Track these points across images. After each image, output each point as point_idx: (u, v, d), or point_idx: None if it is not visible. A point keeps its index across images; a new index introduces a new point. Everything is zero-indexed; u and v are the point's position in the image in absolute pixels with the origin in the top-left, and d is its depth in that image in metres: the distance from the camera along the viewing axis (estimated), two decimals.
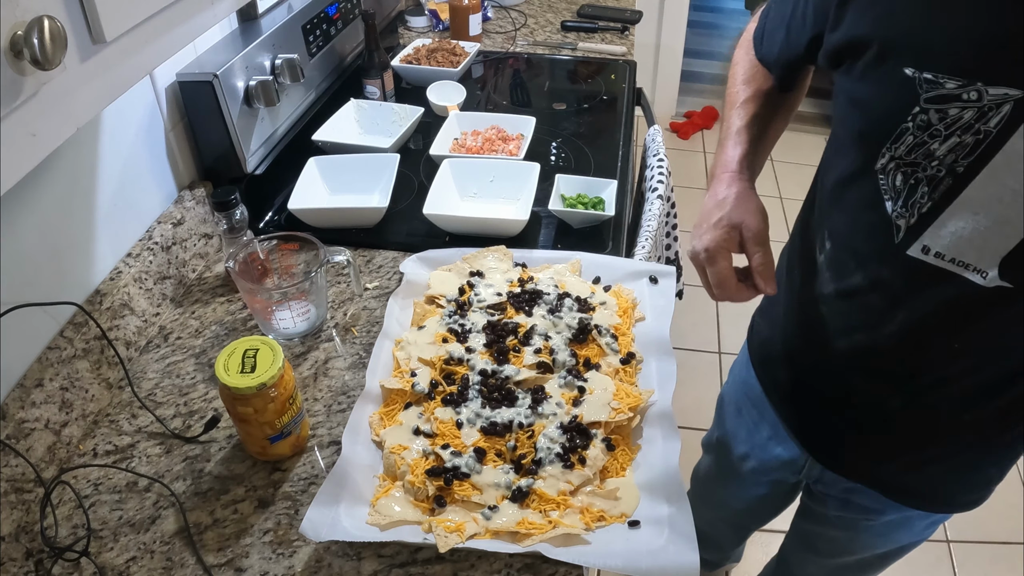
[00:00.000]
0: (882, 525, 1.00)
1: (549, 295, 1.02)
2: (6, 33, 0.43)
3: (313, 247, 1.01)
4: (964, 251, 0.66)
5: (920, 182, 0.66)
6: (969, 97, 0.61)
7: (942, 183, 0.65)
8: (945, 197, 0.65)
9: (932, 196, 0.66)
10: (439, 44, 1.73)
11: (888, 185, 0.69)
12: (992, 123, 0.60)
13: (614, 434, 0.85)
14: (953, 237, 0.66)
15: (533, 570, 0.75)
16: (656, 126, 1.53)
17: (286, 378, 0.80)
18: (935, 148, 0.64)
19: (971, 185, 0.63)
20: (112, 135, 0.97)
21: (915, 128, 0.65)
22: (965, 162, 0.63)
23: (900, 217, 0.69)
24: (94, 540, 0.77)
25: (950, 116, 0.62)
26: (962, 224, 0.65)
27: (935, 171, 0.65)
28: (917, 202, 0.67)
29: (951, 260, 0.67)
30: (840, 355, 0.84)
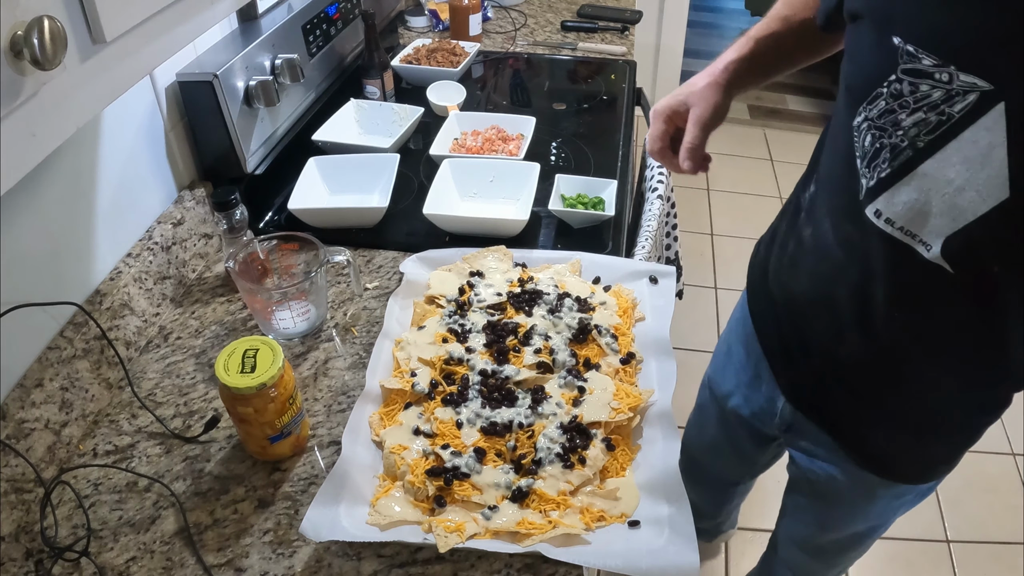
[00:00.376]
0: (848, 492, 1.01)
1: (549, 295, 1.02)
2: (6, 33, 0.43)
3: (313, 247, 1.01)
4: (913, 222, 0.68)
5: (884, 147, 0.69)
6: (940, 77, 0.62)
7: (903, 153, 0.67)
8: (903, 167, 0.67)
9: (892, 163, 0.68)
10: (439, 44, 1.73)
11: (859, 143, 0.72)
12: (956, 108, 0.61)
13: (614, 434, 0.85)
14: (904, 207, 0.68)
15: (533, 570, 0.75)
16: None
17: (286, 378, 0.80)
18: (902, 118, 0.66)
19: (927, 162, 0.65)
20: (112, 135, 0.97)
21: (888, 95, 0.67)
22: (926, 139, 0.64)
23: (864, 176, 0.72)
24: (94, 540, 0.77)
25: (920, 91, 0.64)
26: (914, 196, 0.67)
27: (899, 140, 0.67)
28: (879, 165, 0.70)
29: (900, 228, 0.69)
30: (805, 299, 0.88)
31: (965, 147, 0.62)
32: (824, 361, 0.89)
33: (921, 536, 1.91)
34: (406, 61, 1.67)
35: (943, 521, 1.94)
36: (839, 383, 0.89)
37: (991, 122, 0.59)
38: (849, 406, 0.90)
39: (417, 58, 1.68)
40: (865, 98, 0.69)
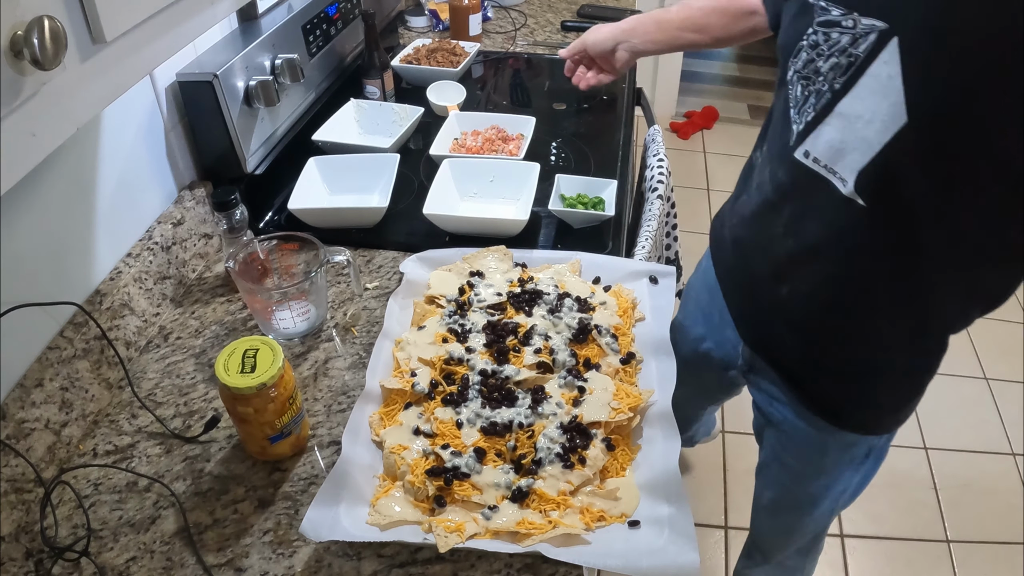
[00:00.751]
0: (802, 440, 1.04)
1: (549, 295, 1.02)
2: (6, 33, 0.43)
3: (313, 247, 1.01)
4: (833, 158, 0.77)
5: (811, 94, 0.78)
6: (847, 24, 0.72)
7: (824, 97, 0.76)
8: (824, 109, 0.76)
9: (816, 107, 0.78)
10: (439, 44, 1.73)
11: (792, 94, 0.81)
12: (861, 48, 0.71)
13: (614, 434, 0.85)
14: (826, 145, 0.77)
15: (533, 570, 0.75)
16: (656, 126, 1.53)
17: (286, 378, 0.80)
18: (820, 65, 0.76)
19: (842, 101, 0.74)
20: (112, 135, 0.97)
21: (808, 46, 0.77)
22: (841, 80, 0.74)
23: (795, 123, 0.81)
24: (94, 540, 0.77)
25: (832, 39, 0.74)
26: (834, 135, 0.76)
27: (820, 85, 0.77)
28: (806, 111, 0.79)
29: (824, 166, 0.78)
30: (750, 243, 0.97)
31: (870, 82, 0.71)
32: (770, 302, 0.94)
33: (921, 536, 1.91)
34: (406, 61, 1.67)
35: (943, 521, 1.95)
36: (784, 324, 0.94)
37: (888, 56, 0.68)
38: (795, 348, 0.96)
39: (417, 58, 1.68)
40: (791, 53, 0.80)
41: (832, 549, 1.86)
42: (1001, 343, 2.45)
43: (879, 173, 0.72)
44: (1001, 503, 2.00)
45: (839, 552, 1.86)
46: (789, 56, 0.80)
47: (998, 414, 2.23)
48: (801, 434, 1.03)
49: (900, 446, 2.11)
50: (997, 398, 2.28)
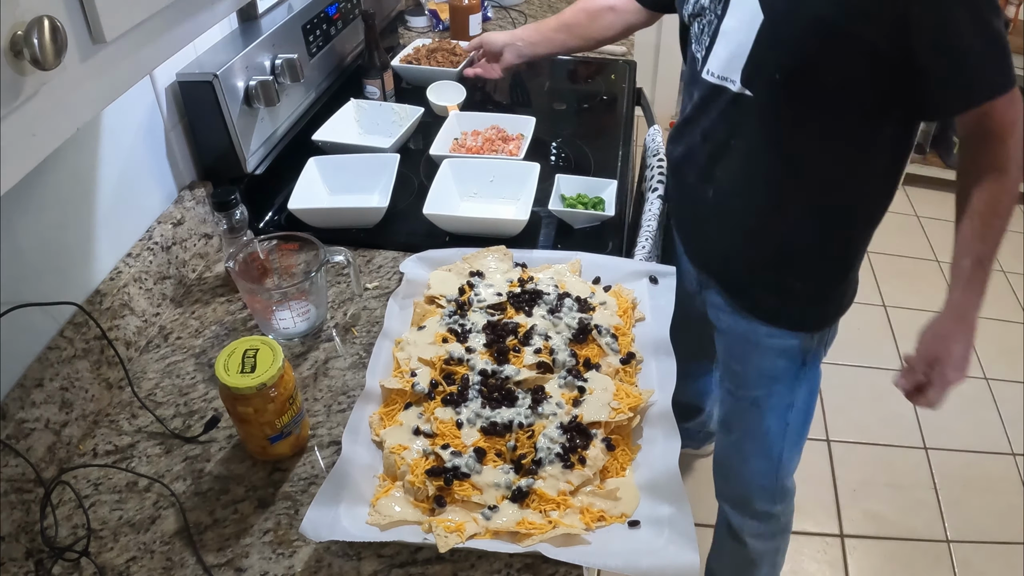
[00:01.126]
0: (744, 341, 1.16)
1: (549, 295, 1.02)
2: (6, 33, 0.43)
3: (313, 247, 1.01)
4: (724, 68, 0.96)
5: (704, 27, 0.99)
6: None
7: (712, 24, 0.97)
8: (714, 33, 0.97)
9: (708, 34, 0.98)
10: (439, 44, 1.73)
11: (693, 33, 1.02)
12: None
13: (614, 434, 0.85)
14: (719, 60, 0.96)
15: (533, 570, 0.75)
16: (656, 126, 1.53)
17: (286, 378, 0.80)
18: (704, 2, 0.98)
19: (723, 22, 0.95)
20: (112, 135, 0.97)
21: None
22: (719, 8, 0.95)
23: (697, 53, 1.01)
24: (94, 540, 0.77)
25: None
26: (722, 50, 0.96)
27: (710, 16, 0.97)
28: (703, 40, 1.00)
29: (720, 77, 0.97)
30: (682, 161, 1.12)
31: (736, 1, 0.92)
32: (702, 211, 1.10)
33: (921, 536, 1.91)
34: (406, 61, 1.67)
35: (943, 521, 1.94)
36: (716, 229, 1.10)
37: None
38: (725, 249, 1.11)
39: (417, 58, 1.68)
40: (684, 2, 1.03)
41: (832, 549, 1.86)
42: (1001, 343, 2.45)
43: (755, 65, 0.91)
44: (1001, 503, 2.00)
45: (839, 552, 1.86)
46: (683, 3, 1.03)
47: (998, 414, 2.23)
48: (741, 337, 1.16)
49: (900, 446, 2.12)
50: (997, 398, 2.27)
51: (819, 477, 2.02)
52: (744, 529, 1.39)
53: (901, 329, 2.48)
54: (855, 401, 2.20)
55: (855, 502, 1.97)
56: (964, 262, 0.94)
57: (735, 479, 1.35)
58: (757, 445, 1.25)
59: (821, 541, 1.88)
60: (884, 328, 2.48)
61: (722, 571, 1.54)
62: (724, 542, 1.48)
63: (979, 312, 0.95)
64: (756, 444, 1.25)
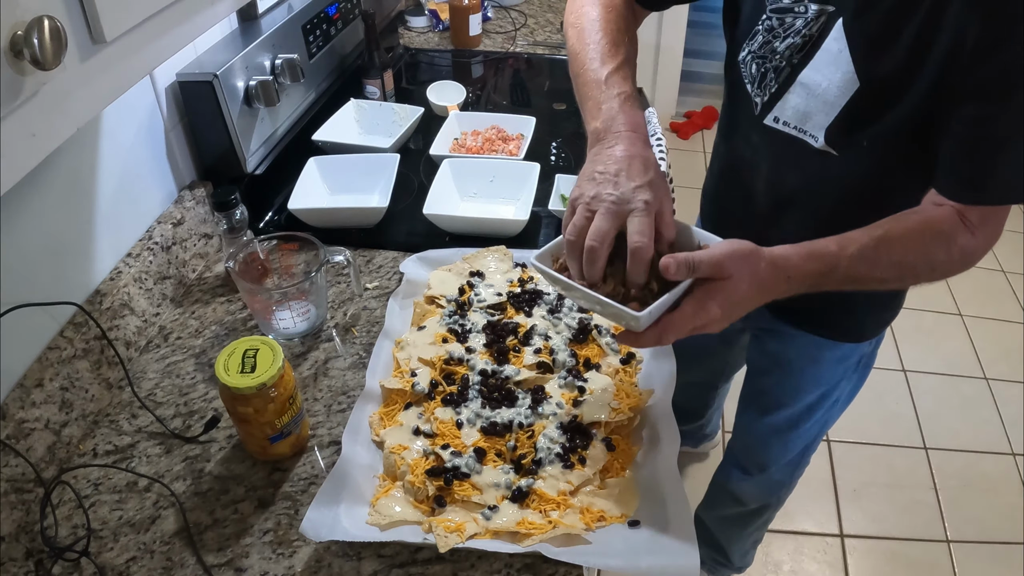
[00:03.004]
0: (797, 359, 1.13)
1: (549, 295, 1.02)
2: (6, 33, 0.43)
3: (313, 247, 1.01)
4: (801, 120, 0.89)
5: (768, 71, 0.90)
6: (799, 9, 0.84)
7: (783, 72, 0.89)
8: (786, 81, 0.88)
9: (777, 80, 0.89)
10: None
11: (747, 72, 0.93)
12: (813, 29, 0.84)
13: (614, 434, 0.85)
14: (793, 110, 0.89)
15: (533, 570, 0.75)
16: (652, 108, 1.55)
17: (286, 378, 0.80)
18: (777, 46, 0.88)
19: (802, 74, 0.86)
20: (112, 135, 0.97)
21: (764, 30, 0.89)
22: (798, 56, 0.86)
23: (756, 96, 0.93)
24: (94, 540, 0.77)
25: (786, 22, 0.86)
26: (799, 101, 0.88)
27: (778, 63, 0.88)
28: (768, 85, 0.91)
29: (794, 127, 0.90)
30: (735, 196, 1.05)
31: (824, 56, 0.84)
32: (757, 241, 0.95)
33: (921, 536, 1.91)
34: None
35: (943, 521, 1.94)
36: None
37: (837, 34, 0.82)
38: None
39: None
40: (746, 37, 0.91)
41: (832, 549, 1.86)
42: (1001, 343, 2.45)
43: (843, 127, 0.85)
44: (1001, 503, 1.99)
45: (839, 552, 1.86)
46: (744, 39, 0.91)
47: (998, 414, 2.23)
48: (795, 354, 1.13)
49: (900, 446, 2.12)
50: (997, 398, 2.27)
51: (819, 477, 2.02)
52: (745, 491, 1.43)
53: (901, 329, 2.48)
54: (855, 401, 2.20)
55: (855, 502, 1.97)
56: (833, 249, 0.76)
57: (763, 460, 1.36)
58: (796, 434, 1.26)
59: (821, 541, 1.88)
60: None
61: (713, 524, 1.58)
62: (721, 497, 1.51)
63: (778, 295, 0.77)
64: (796, 433, 1.26)
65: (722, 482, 1.50)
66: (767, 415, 1.27)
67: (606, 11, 0.91)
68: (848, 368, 1.14)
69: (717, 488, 1.53)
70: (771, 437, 1.30)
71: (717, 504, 1.54)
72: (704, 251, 0.70)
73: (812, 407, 1.19)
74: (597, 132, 0.80)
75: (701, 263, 0.68)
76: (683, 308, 0.70)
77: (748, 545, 1.62)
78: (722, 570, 1.69)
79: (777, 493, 1.43)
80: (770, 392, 1.24)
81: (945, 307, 2.60)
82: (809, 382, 1.16)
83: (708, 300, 0.69)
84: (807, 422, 1.23)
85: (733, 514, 1.51)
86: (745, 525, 1.54)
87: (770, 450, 1.33)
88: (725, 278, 0.69)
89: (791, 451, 1.31)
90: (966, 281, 2.68)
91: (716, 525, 1.59)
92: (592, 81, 0.84)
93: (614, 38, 0.88)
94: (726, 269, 0.69)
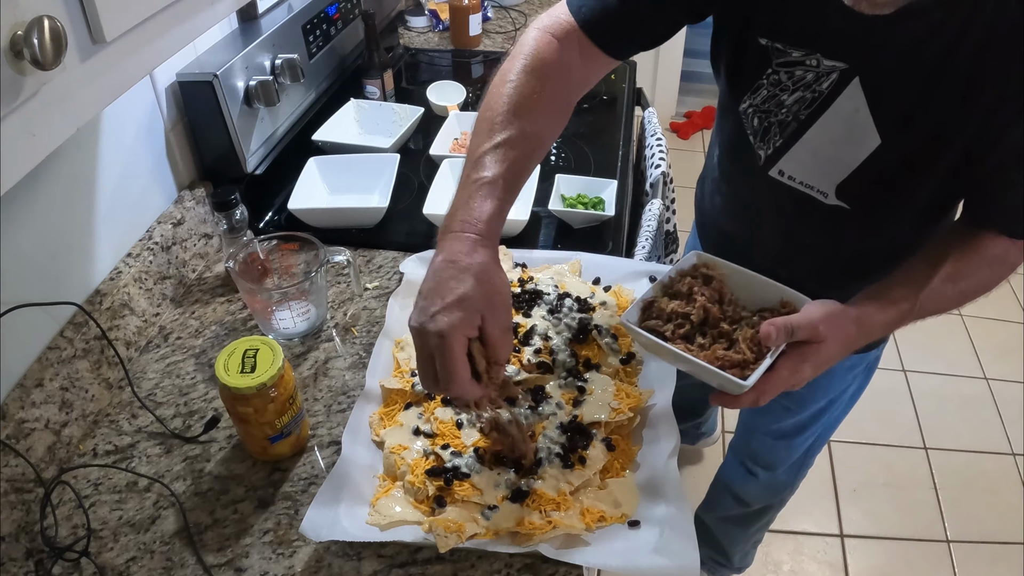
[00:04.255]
0: None
1: (549, 295, 1.02)
2: (6, 33, 0.43)
3: (313, 247, 1.01)
4: (809, 176, 0.85)
5: (772, 124, 0.85)
6: (810, 63, 0.79)
7: (789, 126, 0.84)
8: (792, 136, 0.84)
9: (783, 135, 0.85)
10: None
11: (749, 124, 0.88)
12: (824, 86, 0.79)
13: (614, 434, 0.85)
14: (800, 166, 0.85)
15: (533, 570, 0.75)
16: (652, 108, 1.55)
17: (286, 378, 0.80)
18: (784, 99, 0.83)
19: (810, 130, 0.82)
20: (112, 135, 0.97)
21: (769, 84, 0.84)
22: (806, 112, 0.81)
23: (759, 148, 0.89)
24: (94, 540, 0.77)
25: (796, 76, 0.81)
26: (806, 158, 0.84)
27: (784, 116, 0.84)
28: (771, 139, 0.86)
29: (800, 183, 0.87)
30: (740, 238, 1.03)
31: (837, 112, 0.79)
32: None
33: (921, 536, 1.91)
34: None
35: (943, 521, 1.94)
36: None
37: (852, 91, 0.77)
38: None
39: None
40: (748, 89, 0.86)
41: (832, 549, 1.86)
42: (1001, 343, 2.45)
43: (858, 184, 0.82)
44: (1001, 503, 1.99)
45: (839, 552, 1.86)
46: (745, 91, 0.86)
47: (998, 414, 2.23)
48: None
49: (900, 446, 2.12)
50: (997, 398, 2.27)
51: (819, 477, 2.02)
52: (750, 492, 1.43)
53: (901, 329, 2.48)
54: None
55: (855, 502, 1.97)
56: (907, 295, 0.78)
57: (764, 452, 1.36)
58: (802, 437, 1.27)
59: (821, 541, 1.88)
60: None
61: (714, 524, 1.58)
62: (724, 498, 1.51)
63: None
64: (802, 437, 1.27)
65: (726, 482, 1.49)
66: (775, 422, 1.27)
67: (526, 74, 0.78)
68: (856, 375, 1.15)
69: (720, 488, 1.53)
70: (776, 442, 1.30)
71: (719, 504, 1.54)
72: (800, 316, 0.72)
73: (819, 413, 1.20)
74: (442, 227, 0.72)
75: (799, 328, 0.71)
76: (779, 371, 0.72)
77: (749, 545, 1.62)
78: (722, 570, 1.70)
79: (781, 494, 1.44)
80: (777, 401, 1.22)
81: None
82: (818, 392, 1.16)
83: (803, 363, 0.72)
84: (813, 426, 1.23)
85: (735, 515, 1.51)
86: (747, 526, 1.54)
87: (776, 454, 1.33)
88: (820, 341, 0.72)
89: (795, 453, 1.31)
90: None
91: (717, 526, 1.59)
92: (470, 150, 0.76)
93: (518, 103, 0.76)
94: (821, 333, 0.71)
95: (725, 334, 0.77)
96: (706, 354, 0.74)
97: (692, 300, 0.79)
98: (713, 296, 0.79)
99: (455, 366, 0.65)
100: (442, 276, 0.66)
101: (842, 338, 0.73)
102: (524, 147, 0.75)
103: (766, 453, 1.34)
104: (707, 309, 0.77)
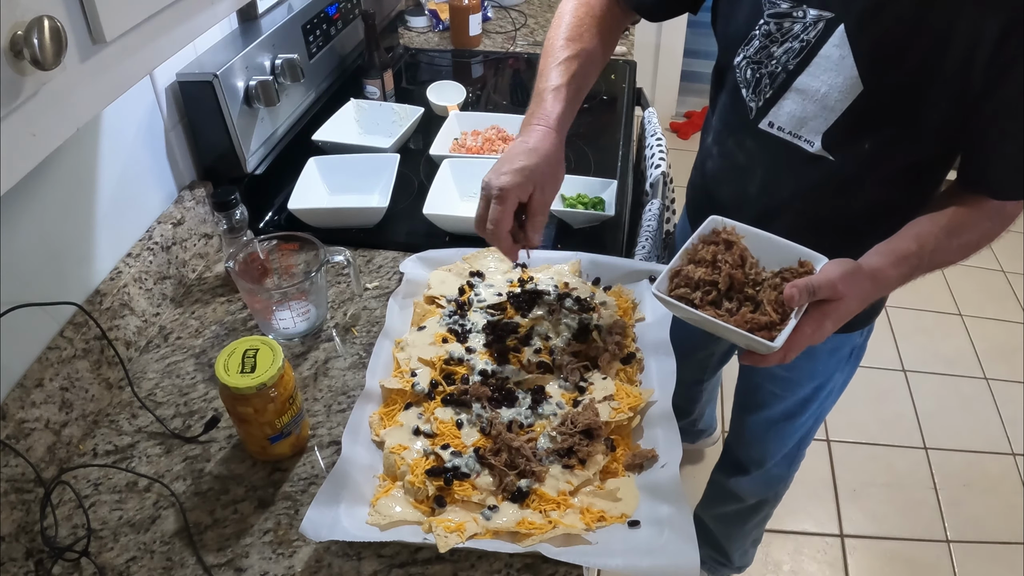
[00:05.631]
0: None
1: (549, 295, 1.02)
2: (6, 33, 0.43)
3: (313, 247, 1.01)
4: (796, 126, 0.89)
5: (763, 76, 0.90)
6: (797, 14, 0.84)
7: (779, 77, 0.88)
8: (781, 87, 0.89)
9: (772, 86, 0.89)
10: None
11: (742, 76, 0.93)
12: (811, 35, 0.84)
13: (614, 434, 0.85)
14: (788, 116, 0.89)
15: (533, 570, 0.75)
16: (652, 108, 1.55)
17: (286, 378, 0.80)
18: (774, 51, 0.88)
19: (799, 79, 0.87)
20: (112, 135, 0.97)
21: (760, 35, 0.88)
22: (795, 62, 0.86)
23: (751, 100, 0.93)
24: (94, 540, 0.77)
25: (784, 27, 0.86)
26: (794, 107, 0.88)
27: (774, 68, 0.88)
28: (763, 91, 0.91)
29: (789, 132, 0.90)
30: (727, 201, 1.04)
31: (823, 62, 0.84)
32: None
33: (921, 536, 1.91)
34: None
35: (943, 521, 1.95)
36: None
37: (837, 39, 0.82)
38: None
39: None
40: (741, 42, 0.90)
41: (832, 549, 1.86)
42: (1001, 343, 2.45)
43: (842, 132, 0.86)
44: (1001, 503, 2.00)
45: (839, 552, 1.86)
46: (738, 43, 0.91)
47: (998, 414, 2.23)
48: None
49: (900, 446, 2.12)
50: (997, 398, 2.28)
51: (819, 477, 2.02)
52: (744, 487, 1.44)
53: (901, 329, 2.48)
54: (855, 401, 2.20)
55: (855, 502, 1.97)
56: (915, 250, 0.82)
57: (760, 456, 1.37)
58: (792, 427, 1.28)
59: (821, 541, 1.88)
60: (884, 329, 2.47)
61: (713, 522, 1.59)
62: (720, 495, 1.52)
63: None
64: (792, 426, 1.28)
65: (720, 479, 1.51)
66: (763, 410, 1.28)
67: (576, 9, 0.98)
68: (840, 360, 1.16)
69: (715, 485, 1.54)
70: (767, 432, 1.31)
71: (716, 502, 1.55)
72: (819, 276, 0.76)
73: (807, 400, 1.21)
74: (522, 123, 0.92)
75: (820, 287, 0.74)
76: (803, 328, 0.75)
77: (748, 544, 1.63)
78: (722, 570, 1.70)
79: (775, 488, 1.44)
80: (764, 387, 1.25)
81: (945, 307, 2.60)
82: (803, 375, 1.18)
83: (824, 320, 0.76)
84: (802, 415, 1.24)
85: (732, 511, 1.52)
86: (744, 522, 1.55)
87: (767, 445, 1.34)
88: (839, 299, 0.75)
89: (787, 444, 1.32)
90: (966, 281, 2.68)
91: (715, 524, 1.59)
92: (540, 72, 0.95)
93: (571, 33, 0.96)
94: (840, 291, 0.75)
95: (750, 297, 0.81)
96: (735, 319, 0.78)
97: (717, 268, 0.82)
98: (736, 261, 0.82)
99: (504, 215, 0.84)
100: (516, 151, 0.87)
101: (860, 294, 0.77)
102: (581, 62, 0.94)
103: (757, 446, 1.35)
104: (732, 276, 0.80)
